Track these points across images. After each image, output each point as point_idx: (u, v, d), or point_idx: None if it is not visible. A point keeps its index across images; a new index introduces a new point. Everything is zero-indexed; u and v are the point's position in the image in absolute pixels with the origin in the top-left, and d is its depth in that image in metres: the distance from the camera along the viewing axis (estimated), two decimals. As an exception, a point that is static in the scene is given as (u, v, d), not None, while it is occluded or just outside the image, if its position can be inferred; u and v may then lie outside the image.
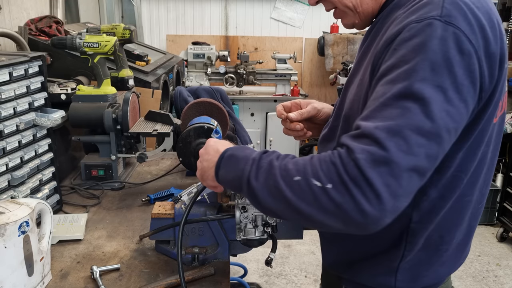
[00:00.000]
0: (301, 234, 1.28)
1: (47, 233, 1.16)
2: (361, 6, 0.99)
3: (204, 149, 1.00)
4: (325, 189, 0.74)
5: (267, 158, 0.85)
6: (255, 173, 0.83)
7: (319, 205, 0.75)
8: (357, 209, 0.72)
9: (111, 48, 1.80)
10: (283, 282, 3.10)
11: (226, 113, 2.06)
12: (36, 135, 1.42)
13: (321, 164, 0.76)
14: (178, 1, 4.90)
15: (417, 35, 0.78)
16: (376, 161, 0.71)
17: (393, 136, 0.73)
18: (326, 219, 0.76)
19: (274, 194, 0.80)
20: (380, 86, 0.80)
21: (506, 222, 3.62)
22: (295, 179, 0.77)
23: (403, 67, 0.77)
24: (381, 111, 0.76)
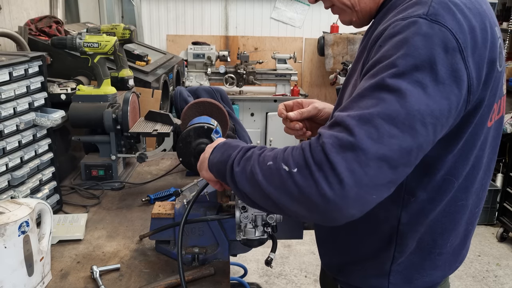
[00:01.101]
0: (301, 234, 1.28)
1: (47, 233, 1.16)
2: (359, 5, 1.00)
3: (210, 145, 1.03)
4: (291, 173, 0.73)
5: (254, 148, 0.87)
6: (238, 160, 0.86)
7: (285, 189, 0.75)
8: (319, 193, 0.71)
9: (111, 48, 1.80)
10: (283, 282, 3.10)
11: (226, 113, 2.06)
12: (36, 135, 1.42)
13: (293, 151, 0.77)
14: (178, 1, 4.90)
15: (401, 32, 0.77)
16: (342, 146, 0.71)
17: (364, 123, 0.71)
18: (292, 205, 0.76)
19: (250, 179, 0.81)
20: (363, 81, 0.79)
21: (506, 222, 3.62)
22: (267, 164, 0.78)
23: (384, 62, 0.76)
24: (357, 102, 0.76)
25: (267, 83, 4.66)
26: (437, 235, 0.98)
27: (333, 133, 0.73)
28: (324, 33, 4.78)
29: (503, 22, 4.10)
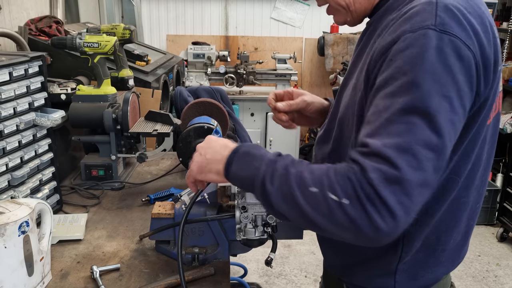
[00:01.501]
0: (301, 234, 1.28)
1: (47, 233, 1.16)
2: (354, 5, 1.00)
3: (206, 143, 0.99)
4: (341, 204, 0.74)
5: (282, 161, 0.84)
6: (270, 176, 0.83)
7: (333, 218, 0.76)
8: (371, 225, 0.73)
9: (111, 48, 1.80)
10: (283, 282, 3.10)
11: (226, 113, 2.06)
12: (36, 135, 1.42)
13: (337, 178, 0.76)
14: (178, 1, 4.90)
15: (412, 45, 0.78)
16: (388, 180, 0.72)
17: (403, 153, 0.73)
18: (338, 231, 0.78)
19: (289, 200, 0.80)
20: (380, 100, 0.80)
21: (506, 222, 3.62)
22: (311, 190, 0.78)
23: (402, 79, 0.77)
24: (387, 128, 0.76)
25: (267, 83, 4.66)
26: (441, 233, 0.99)
27: (376, 165, 0.74)
28: (324, 33, 4.78)
29: (503, 22, 4.10)
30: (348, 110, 0.97)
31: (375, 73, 0.84)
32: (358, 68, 0.99)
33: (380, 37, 0.88)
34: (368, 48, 0.96)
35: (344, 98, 1.02)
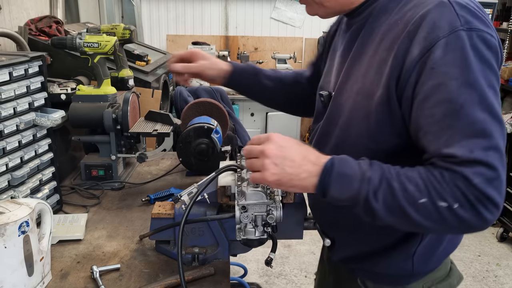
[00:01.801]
0: (301, 234, 1.28)
1: (47, 233, 1.16)
2: (329, 2, 1.04)
3: (280, 150, 0.91)
4: (451, 209, 0.82)
5: (379, 175, 0.87)
6: (373, 194, 0.86)
7: (445, 222, 0.83)
8: (482, 221, 0.82)
9: (111, 48, 1.80)
10: (283, 282, 3.11)
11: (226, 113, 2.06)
12: (36, 135, 1.42)
13: (443, 187, 0.82)
14: (178, 1, 4.90)
15: (451, 50, 0.84)
16: (489, 179, 0.81)
17: (489, 151, 0.81)
18: (446, 230, 0.90)
19: (396, 213, 0.86)
20: (435, 108, 0.85)
21: (506, 222, 3.62)
22: (420, 202, 0.83)
23: (453, 83, 0.83)
24: (460, 133, 0.83)
25: (267, 83, 4.66)
26: None
27: (475, 171, 0.81)
28: (324, 33, 4.79)
29: (503, 22, 4.10)
30: (356, 115, 0.99)
31: (412, 84, 0.88)
32: (359, 72, 1.00)
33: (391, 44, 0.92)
34: (371, 54, 0.97)
35: (346, 104, 1.02)
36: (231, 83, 1.43)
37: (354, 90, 1.00)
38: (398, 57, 0.89)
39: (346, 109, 1.02)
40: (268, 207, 1.02)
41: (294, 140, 0.94)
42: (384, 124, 0.94)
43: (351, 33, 1.07)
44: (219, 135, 1.83)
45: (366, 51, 1.00)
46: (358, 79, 0.99)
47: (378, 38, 0.97)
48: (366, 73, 0.97)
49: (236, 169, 1.18)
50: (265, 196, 1.02)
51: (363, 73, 0.98)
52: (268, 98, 1.51)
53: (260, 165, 0.91)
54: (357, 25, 1.05)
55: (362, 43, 1.02)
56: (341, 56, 1.12)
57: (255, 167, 0.92)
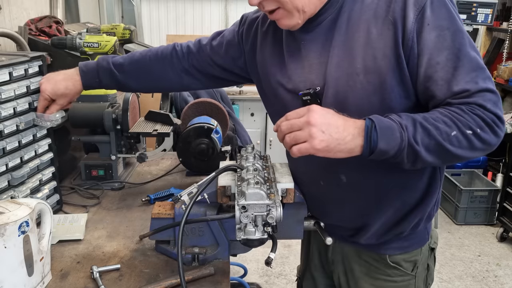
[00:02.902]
0: (301, 234, 1.28)
1: (47, 233, 1.16)
2: (309, 6, 1.06)
3: (323, 117, 0.96)
4: (476, 134, 0.96)
5: (412, 122, 0.97)
6: (413, 138, 0.96)
7: (473, 147, 0.97)
8: (498, 138, 0.99)
9: (111, 48, 1.80)
10: (283, 282, 3.11)
11: (226, 113, 2.06)
12: (36, 135, 1.42)
13: (466, 118, 0.96)
14: (178, 1, 4.90)
15: (437, 7, 1.00)
16: (496, 102, 0.99)
17: (488, 80, 0.99)
18: (474, 155, 1.01)
19: (435, 150, 0.97)
20: (439, 57, 0.99)
21: (506, 222, 3.62)
22: (452, 134, 0.96)
23: (447, 32, 1.00)
24: (464, 71, 0.98)
25: (267, 83, 4.66)
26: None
27: (486, 97, 0.98)
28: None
29: (503, 22, 4.09)
30: (366, 93, 1.05)
31: (415, 41, 1.01)
32: (353, 56, 1.05)
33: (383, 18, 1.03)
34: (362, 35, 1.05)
35: (347, 89, 1.07)
36: (91, 87, 1.45)
37: (352, 73, 1.05)
38: (396, 24, 1.01)
39: (350, 93, 1.06)
40: (268, 207, 1.02)
41: (330, 110, 1.00)
42: (397, 89, 1.04)
43: (323, 29, 1.10)
44: (219, 135, 1.83)
45: (351, 36, 1.06)
46: (352, 62, 1.05)
47: (361, 20, 1.05)
48: (361, 54, 1.04)
49: (236, 169, 1.18)
50: (265, 196, 1.02)
51: (357, 54, 1.05)
52: (152, 82, 1.48)
53: (307, 135, 0.94)
54: (327, 20, 1.10)
55: (342, 32, 1.08)
56: (315, 52, 1.12)
57: (300, 139, 0.96)
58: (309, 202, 1.24)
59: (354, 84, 1.05)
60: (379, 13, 1.04)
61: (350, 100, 1.07)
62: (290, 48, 1.18)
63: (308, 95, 1.12)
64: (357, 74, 1.05)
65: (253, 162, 1.19)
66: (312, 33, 1.13)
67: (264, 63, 1.26)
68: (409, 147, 0.96)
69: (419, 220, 1.20)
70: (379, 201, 1.17)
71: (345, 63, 1.06)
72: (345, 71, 1.06)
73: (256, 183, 1.04)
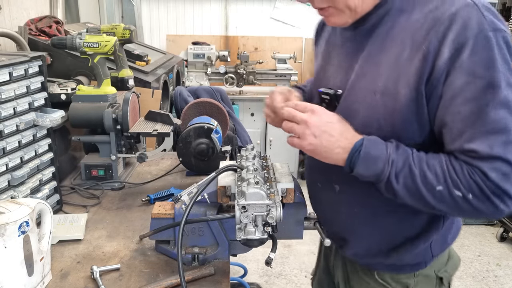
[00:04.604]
0: (301, 234, 1.28)
1: (47, 233, 1.16)
2: (362, 6, 1.00)
3: (321, 121, 0.97)
4: (466, 199, 0.90)
5: (403, 159, 0.94)
6: (394, 175, 0.95)
7: (458, 208, 0.92)
8: (495, 211, 0.90)
9: (111, 48, 1.80)
10: (283, 282, 3.10)
11: (226, 113, 2.06)
12: (36, 135, 1.42)
13: (460, 178, 0.90)
14: (178, 1, 4.90)
15: (479, 50, 0.88)
16: (505, 174, 0.88)
17: (508, 147, 0.88)
18: (460, 215, 0.98)
19: (415, 195, 0.94)
20: (462, 106, 0.90)
21: (506, 222, 3.62)
22: (437, 189, 0.91)
23: (479, 82, 0.88)
24: (484, 129, 0.88)
25: (267, 83, 4.66)
26: None
27: (492, 166, 0.88)
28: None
29: (503, 22, 4.10)
30: (376, 115, 1.00)
31: (442, 83, 0.92)
32: (377, 72, 1.00)
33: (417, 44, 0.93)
34: (392, 53, 0.97)
35: (362, 103, 1.02)
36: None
37: (371, 89, 1.00)
38: (428, 57, 0.92)
39: (362, 108, 1.02)
40: (268, 207, 1.02)
41: (337, 117, 1.00)
42: (410, 122, 0.97)
43: (362, 32, 1.04)
44: (219, 135, 1.83)
45: (383, 50, 1.00)
46: (375, 78, 1.00)
47: (398, 38, 0.97)
48: (385, 72, 0.98)
49: (236, 169, 1.18)
50: (265, 196, 1.02)
51: (383, 72, 0.99)
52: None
53: (301, 133, 0.98)
54: (369, 24, 1.03)
55: (378, 42, 1.01)
56: (347, 55, 1.09)
57: (295, 132, 1.00)
58: (312, 199, 1.26)
59: (369, 101, 1.01)
60: (417, 38, 0.94)
61: (360, 115, 1.03)
62: (330, 45, 1.18)
63: (328, 95, 1.11)
64: (375, 93, 1.00)
65: (253, 162, 1.19)
66: (351, 33, 1.08)
67: (320, 49, 1.26)
68: (387, 181, 0.95)
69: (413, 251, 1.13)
70: (367, 222, 1.12)
71: (368, 77, 1.02)
72: (365, 84, 1.02)
73: (256, 183, 1.04)
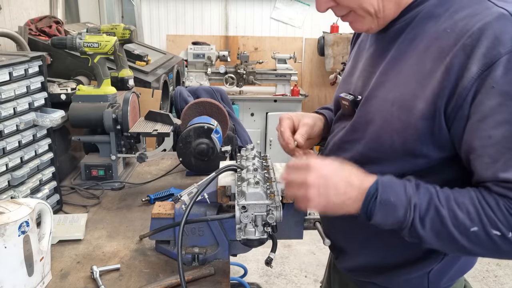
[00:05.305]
0: (301, 234, 1.28)
1: (47, 233, 1.16)
2: (383, 11, 0.94)
3: (323, 178, 0.88)
4: (506, 237, 0.80)
5: (427, 200, 0.85)
6: (420, 221, 0.85)
7: (498, 250, 0.82)
8: None
9: (111, 48, 1.80)
10: (283, 282, 3.11)
11: (226, 113, 2.06)
12: (36, 135, 1.42)
13: (497, 215, 0.81)
14: (178, 1, 4.90)
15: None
16: None
17: None
18: (501, 257, 0.87)
19: (446, 240, 0.85)
20: (493, 129, 0.81)
21: (506, 222, 3.62)
22: (472, 230, 0.82)
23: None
24: None
25: (267, 83, 4.66)
26: None
27: None
28: (324, 33, 4.78)
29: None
30: (390, 126, 0.93)
31: (468, 103, 0.83)
32: (396, 80, 0.94)
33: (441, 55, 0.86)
34: (413, 62, 0.91)
35: (378, 112, 0.96)
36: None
37: (388, 99, 0.94)
38: (451, 72, 0.83)
39: (378, 118, 0.96)
40: (268, 207, 1.02)
41: (334, 163, 0.91)
42: (424, 139, 0.89)
43: (387, 37, 0.99)
44: (219, 135, 1.83)
45: (405, 58, 0.93)
46: (394, 88, 0.93)
47: (422, 46, 0.91)
48: (405, 83, 0.91)
49: (236, 169, 1.18)
50: (265, 196, 1.02)
51: (402, 82, 0.92)
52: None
53: (304, 196, 0.90)
54: (395, 28, 0.97)
55: (402, 49, 0.95)
56: (371, 59, 1.05)
57: (298, 197, 0.92)
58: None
59: (385, 112, 0.94)
60: (443, 48, 0.86)
61: (374, 126, 0.96)
62: (361, 47, 1.12)
63: (347, 101, 1.06)
64: (392, 103, 0.92)
65: (253, 162, 1.18)
66: (377, 37, 1.03)
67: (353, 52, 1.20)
68: (412, 228, 0.85)
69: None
70: (365, 237, 1.06)
71: (387, 85, 0.95)
72: (384, 93, 0.96)
73: (256, 183, 1.04)
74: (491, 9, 0.83)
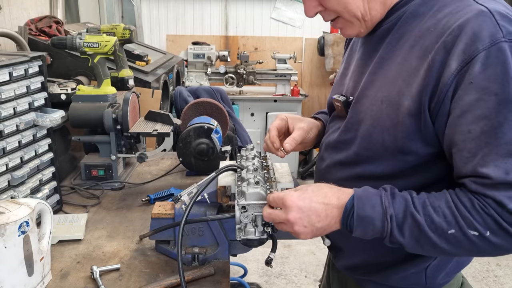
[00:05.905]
0: (301, 234, 1.27)
1: (47, 233, 1.16)
2: (370, 14, 0.97)
3: (301, 212, 0.91)
4: (484, 237, 0.81)
5: (403, 209, 0.87)
6: (398, 230, 0.87)
7: (478, 249, 0.83)
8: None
9: (111, 48, 1.80)
10: (283, 282, 3.11)
11: (226, 113, 2.06)
12: (36, 135, 1.42)
13: (473, 215, 0.82)
14: (178, 1, 4.90)
15: (492, 64, 0.80)
16: None
17: None
18: (481, 255, 0.88)
19: (425, 245, 0.86)
20: (472, 124, 0.82)
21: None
22: (449, 233, 0.83)
23: (492, 99, 0.80)
24: (498, 152, 0.80)
25: (267, 83, 4.66)
26: None
27: (509, 194, 0.79)
28: (324, 33, 4.78)
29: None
30: (380, 125, 0.95)
31: (449, 98, 0.84)
32: (384, 79, 0.95)
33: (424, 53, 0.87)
34: (399, 61, 0.93)
35: (369, 111, 0.98)
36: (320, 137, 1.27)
37: (378, 98, 0.96)
38: (433, 69, 0.85)
39: (369, 117, 0.98)
40: (268, 207, 1.02)
41: (309, 189, 0.93)
42: (412, 136, 0.91)
43: (375, 38, 1.01)
44: (219, 135, 1.83)
45: (393, 57, 0.96)
46: (383, 87, 0.95)
47: (408, 45, 0.93)
48: (393, 81, 0.93)
49: (236, 169, 1.18)
50: (265, 196, 1.02)
51: (390, 81, 0.94)
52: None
53: (292, 231, 0.94)
54: (382, 28, 0.99)
55: (389, 49, 0.97)
56: (361, 60, 1.06)
57: (286, 230, 0.96)
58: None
59: (375, 111, 0.96)
60: (426, 46, 0.88)
61: (365, 124, 0.99)
62: (353, 49, 1.14)
63: (340, 102, 1.08)
64: (381, 102, 0.95)
65: (253, 162, 1.18)
66: (366, 38, 1.05)
67: (345, 55, 1.22)
68: (392, 237, 0.88)
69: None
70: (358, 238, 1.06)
71: (376, 84, 0.98)
72: (373, 92, 0.98)
73: (256, 183, 1.04)
74: (471, 6, 0.85)
